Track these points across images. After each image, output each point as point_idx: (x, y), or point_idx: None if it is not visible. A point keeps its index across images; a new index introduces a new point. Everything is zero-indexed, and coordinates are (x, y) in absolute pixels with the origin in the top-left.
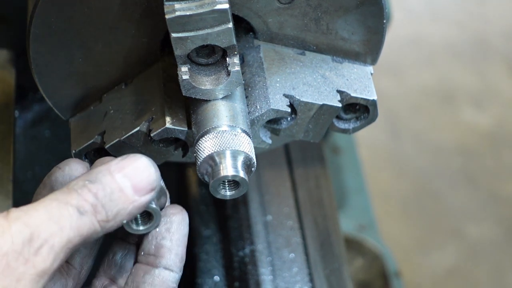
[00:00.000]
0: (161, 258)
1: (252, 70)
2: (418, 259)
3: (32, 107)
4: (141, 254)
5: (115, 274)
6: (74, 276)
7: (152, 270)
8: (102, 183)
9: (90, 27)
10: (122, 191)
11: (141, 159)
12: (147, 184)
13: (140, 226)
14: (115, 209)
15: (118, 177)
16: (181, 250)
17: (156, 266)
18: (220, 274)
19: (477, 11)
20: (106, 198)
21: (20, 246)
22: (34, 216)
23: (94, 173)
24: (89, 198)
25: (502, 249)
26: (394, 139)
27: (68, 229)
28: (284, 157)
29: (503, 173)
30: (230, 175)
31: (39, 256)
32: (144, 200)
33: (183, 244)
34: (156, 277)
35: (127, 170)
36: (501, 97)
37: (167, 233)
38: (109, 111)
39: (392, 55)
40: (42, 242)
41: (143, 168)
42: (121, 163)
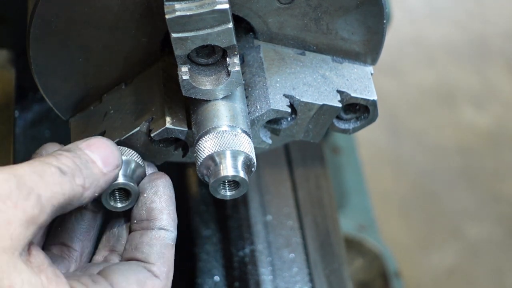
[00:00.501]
0: (155, 220)
1: (252, 70)
2: (418, 259)
3: (32, 107)
4: (134, 223)
5: (114, 244)
6: (76, 259)
7: (147, 231)
8: (77, 154)
9: (90, 27)
10: (94, 163)
11: (103, 139)
12: (113, 159)
13: (118, 203)
14: (91, 178)
15: (87, 151)
16: (172, 210)
17: (151, 228)
18: (220, 274)
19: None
20: (82, 165)
21: (8, 190)
22: (18, 169)
23: (67, 147)
24: (67, 162)
25: (502, 249)
26: (394, 139)
27: (52, 184)
28: (284, 157)
29: (503, 173)
30: (230, 175)
31: (28, 202)
32: (112, 174)
33: (173, 204)
34: (153, 236)
35: (94, 147)
36: (501, 97)
37: (155, 196)
38: (109, 111)
39: (392, 55)
40: (29, 189)
41: (106, 146)
42: (87, 141)
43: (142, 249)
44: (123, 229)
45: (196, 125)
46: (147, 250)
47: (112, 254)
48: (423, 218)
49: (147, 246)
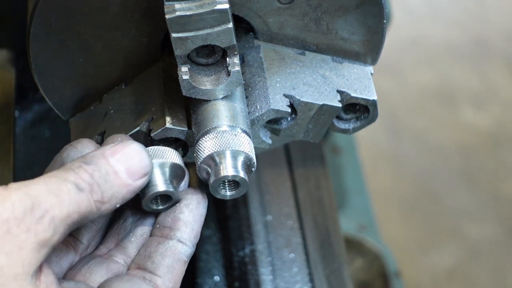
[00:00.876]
0: (176, 231)
1: (252, 70)
2: (418, 259)
3: (32, 107)
4: (157, 227)
5: (123, 238)
6: (81, 252)
7: (165, 241)
8: (98, 165)
9: (90, 27)
10: (116, 174)
11: (133, 145)
12: (140, 169)
13: (160, 206)
14: (110, 191)
15: (112, 161)
16: (197, 227)
17: (171, 238)
18: (220, 274)
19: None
20: (101, 179)
21: (22, 213)
22: (34, 188)
23: (89, 156)
24: (85, 177)
25: (502, 249)
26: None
27: (67, 203)
28: (284, 157)
29: (503, 173)
30: (230, 175)
31: (41, 225)
32: (137, 184)
33: (200, 222)
34: (169, 248)
35: (120, 154)
36: (501, 97)
37: (185, 208)
38: (109, 111)
39: (392, 55)
40: (43, 212)
41: (135, 153)
42: (114, 148)
43: (154, 258)
44: (136, 226)
45: (196, 125)
46: (158, 261)
47: (118, 250)
48: (423, 218)
49: (160, 256)
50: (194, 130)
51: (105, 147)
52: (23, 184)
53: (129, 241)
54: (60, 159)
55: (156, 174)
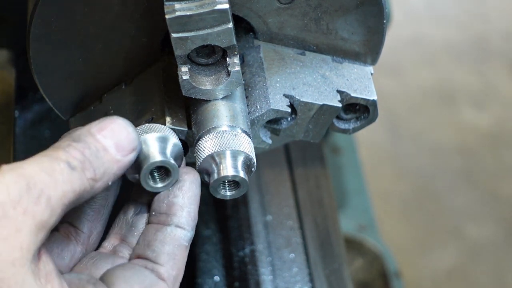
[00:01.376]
0: (173, 216)
1: (252, 70)
2: (418, 259)
3: (32, 107)
4: (153, 214)
5: (126, 233)
6: (83, 242)
7: (163, 228)
8: (87, 143)
9: (90, 27)
10: (106, 150)
11: (118, 120)
12: (128, 144)
13: (158, 183)
14: (102, 168)
15: (99, 137)
16: (193, 209)
17: (168, 224)
18: (220, 274)
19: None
20: (92, 156)
21: (17, 195)
22: (27, 168)
23: (76, 134)
24: (76, 155)
25: (502, 249)
26: (394, 139)
27: (62, 182)
28: (284, 157)
29: (503, 173)
30: (230, 175)
31: (38, 206)
32: (127, 160)
33: (196, 203)
34: (168, 234)
35: (107, 130)
36: (501, 97)
37: (179, 191)
38: (109, 111)
39: (392, 55)
40: (39, 192)
41: (121, 128)
42: (100, 124)
43: (154, 247)
44: (137, 219)
45: (196, 125)
46: (158, 249)
47: (122, 245)
48: (423, 218)
49: (159, 244)
50: (194, 130)
51: (91, 124)
52: (15, 165)
53: (132, 235)
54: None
55: (152, 146)
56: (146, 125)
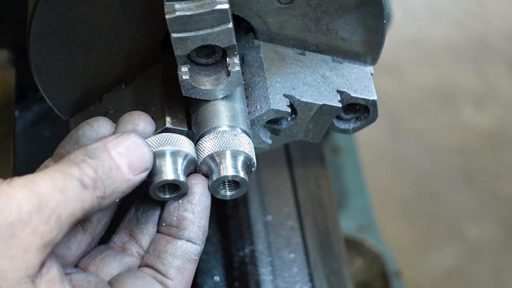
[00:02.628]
0: (184, 230)
1: (252, 70)
2: (418, 259)
3: (32, 107)
4: (163, 225)
5: (135, 230)
6: (90, 231)
7: (174, 241)
8: (101, 160)
9: (90, 27)
10: (119, 169)
11: (134, 138)
12: (141, 164)
13: (167, 194)
14: (112, 187)
15: (114, 154)
16: (203, 223)
17: (179, 237)
18: (220, 274)
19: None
20: (105, 174)
21: (28, 215)
22: (40, 184)
23: (92, 149)
24: (89, 173)
25: (502, 249)
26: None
27: (73, 201)
28: (284, 157)
29: (503, 173)
30: (230, 175)
31: (47, 226)
32: (138, 179)
33: (206, 217)
34: (178, 248)
35: (122, 147)
36: (501, 97)
37: (189, 205)
38: (109, 111)
39: (392, 55)
40: (50, 211)
41: (137, 147)
42: (116, 140)
43: (164, 260)
44: (147, 216)
45: (196, 125)
46: (168, 262)
47: (131, 243)
48: (423, 218)
49: (169, 257)
50: (194, 130)
51: (107, 139)
52: (28, 179)
53: (141, 233)
54: (75, 136)
55: (166, 161)
56: (163, 135)
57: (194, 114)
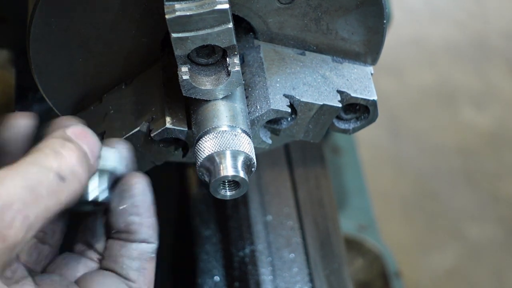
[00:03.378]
0: (135, 234)
1: (252, 70)
2: (418, 259)
3: (32, 107)
4: (112, 232)
5: (90, 240)
6: (47, 240)
7: (128, 244)
8: (77, 146)
9: (90, 27)
10: (86, 155)
11: (83, 127)
12: (97, 150)
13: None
14: (85, 175)
15: (82, 144)
16: (151, 221)
17: (131, 241)
18: (220, 274)
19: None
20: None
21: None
22: (6, 184)
23: (57, 135)
24: (71, 160)
25: (502, 249)
26: (394, 139)
27: (46, 197)
28: (284, 157)
29: (503, 173)
30: (230, 175)
31: (11, 230)
32: (96, 166)
33: (152, 214)
34: (133, 250)
35: (81, 137)
36: (501, 97)
37: (133, 208)
38: (109, 111)
39: (392, 55)
40: (14, 214)
41: (90, 135)
42: (71, 129)
43: (122, 264)
44: (96, 226)
45: (196, 125)
46: (126, 266)
47: (90, 250)
48: (423, 219)
49: (127, 260)
50: (194, 130)
51: (59, 128)
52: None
53: (96, 241)
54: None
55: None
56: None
57: (194, 114)
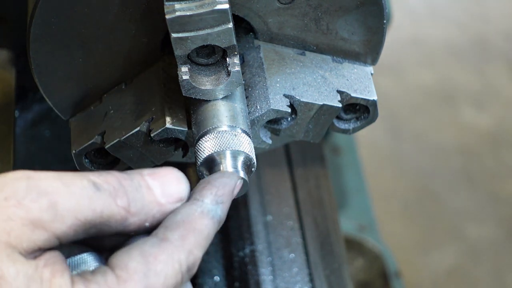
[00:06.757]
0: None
1: (252, 70)
2: (418, 259)
3: (32, 107)
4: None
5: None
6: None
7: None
8: (131, 177)
9: (90, 27)
10: (150, 189)
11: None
12: (176, 191)
13: None
14: (140, 203)
15: (147, 178)
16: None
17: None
18: (220, 274)
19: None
20: (131, 187)
21: (12, 190)
22: (38, 173)
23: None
24: (110, 180)
25: (502, 249)
26: (394, 139)
27: (78, 195)
28: (284, 157)
29: (503, 173)
30: None
31: (36, 203)
32: (171, 207)
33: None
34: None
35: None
36: (501, 97)
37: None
38: (109, 111)
39: (392, 55)
40: (41, 192)
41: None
42: (153, 169)
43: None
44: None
45: (196, 125)
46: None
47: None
48: (424, 218)
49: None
50: (194, 130)
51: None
52: (32, 171)
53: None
54: None
55: None
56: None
57: (194, 114)
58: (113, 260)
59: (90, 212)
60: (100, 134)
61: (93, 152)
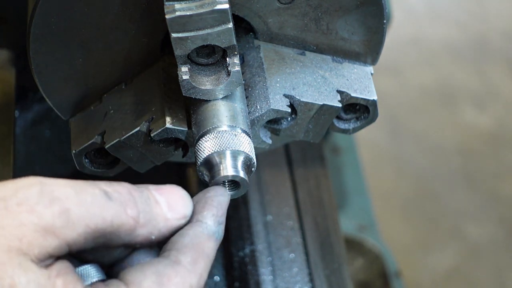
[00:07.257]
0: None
1: (252, 70)
2: (418, 259)
3: (32, 107)
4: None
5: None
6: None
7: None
8: (140, 189)
9: (90, 27)
10: (158, 203)
11: (178, 187)
12: (181, 207)
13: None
14: (149, 215)
15: (155, 193)
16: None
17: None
18: (220, 274)
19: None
20: (141, 199)
21: (25, 196)
22: (51, 180)
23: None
24: (120, 190)
25: (502, 249)
26: (394, 139)
27: (89, 204)
28: (284, 157)
29: (503, 173)
30: (230, 175)
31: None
32: (176, 223)
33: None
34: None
35: (163, 191)
36: (501, 97)
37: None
38: (109, 111)
39: (392, 55)
40: (53, 199)
41: (177, 193)
42: (159, 186)
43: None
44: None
45: (196, 125)
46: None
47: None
48: (424, 219)
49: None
50: (194, 130)
51: (149, 185)
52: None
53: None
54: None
55: None
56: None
57: (194, 114)
58: (126, 276)
59: (100, 220)
60: (100, 134)
61: (93, 152)
